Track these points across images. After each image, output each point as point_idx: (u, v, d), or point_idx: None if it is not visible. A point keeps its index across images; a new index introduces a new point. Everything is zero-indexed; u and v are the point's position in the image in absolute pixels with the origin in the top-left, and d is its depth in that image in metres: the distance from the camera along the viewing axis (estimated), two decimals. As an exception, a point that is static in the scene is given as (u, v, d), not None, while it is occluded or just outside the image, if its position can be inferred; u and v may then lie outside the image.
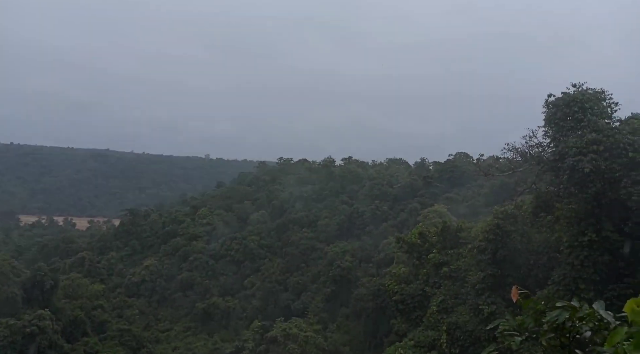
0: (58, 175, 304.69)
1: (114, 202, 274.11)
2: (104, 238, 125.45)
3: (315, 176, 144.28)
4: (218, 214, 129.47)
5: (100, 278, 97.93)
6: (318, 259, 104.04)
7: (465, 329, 30.01)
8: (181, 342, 74.07)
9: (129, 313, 78.71)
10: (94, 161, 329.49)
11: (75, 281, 75.26)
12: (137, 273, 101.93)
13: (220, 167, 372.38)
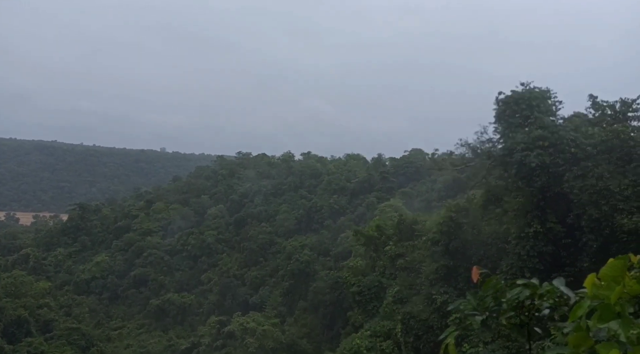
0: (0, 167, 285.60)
1: (61, 197, 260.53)
2: (50, 234, 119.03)
3: (274, 171, 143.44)
4: (174, 209, 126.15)
5: (47, 275, 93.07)
6: (277, 254, 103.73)
7: (419, 319, 30.99)
8: (134, 340, 71.75)
9: (78, 311, 75.29)
10: (39, 152, 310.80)
11: (18, 279, 71.00)
12: (87, 270, 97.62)
13: (177, 161, 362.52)
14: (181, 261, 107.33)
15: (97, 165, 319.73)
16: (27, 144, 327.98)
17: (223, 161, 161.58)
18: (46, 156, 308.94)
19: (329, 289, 65.03)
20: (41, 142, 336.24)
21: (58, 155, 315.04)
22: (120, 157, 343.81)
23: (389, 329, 31.39)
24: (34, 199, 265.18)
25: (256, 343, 54.33)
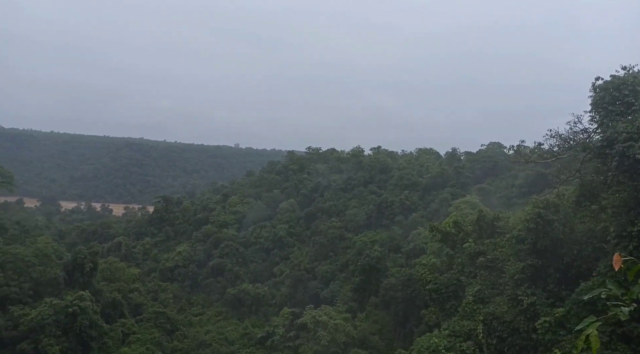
0: (95, 163, 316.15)
1: (148, 190, 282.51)
2: (139, 224, 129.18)
3: (343, 166, 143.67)
4: (248, 203, 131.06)
5: (136, 262, 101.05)
6: (346, 249, 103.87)
7: (503, 320, 29.26)
8: (213, 326, 75.64)
9: (164, 297, 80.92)
10: (129, 149, 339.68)
11: (112, 265, 77.78)
12: (170, 259, 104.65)
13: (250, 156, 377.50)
14: (255, 253, 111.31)
15: (178, 160, 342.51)
16: (119, 142, 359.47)
17: (293, 156, 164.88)
18: (134, 152, 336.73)
19: (401, 286, 63.85)
20: (130, 140, 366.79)
21: (145, 151, 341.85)
22: (198, 153, 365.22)
23: (470, 330, 30.01)
24: (124, 192, 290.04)
25: (328, 336, 54.78)
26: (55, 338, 49.82)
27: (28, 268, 58.20)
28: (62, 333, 50.68)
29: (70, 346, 50.33)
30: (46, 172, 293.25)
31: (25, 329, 49.75)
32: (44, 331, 50.02)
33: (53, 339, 49.31)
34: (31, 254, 60.36)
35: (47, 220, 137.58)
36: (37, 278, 58.40)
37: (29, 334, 49.75)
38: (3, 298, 53.24)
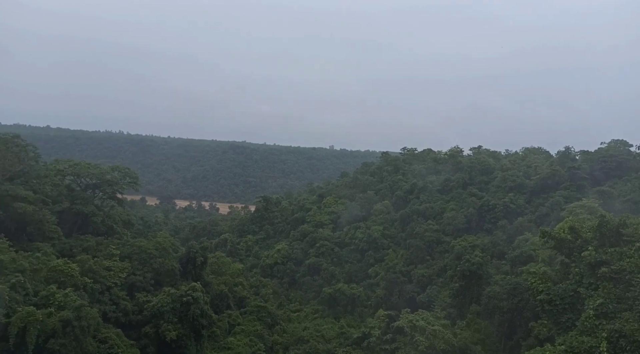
0: (204, 165, 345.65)
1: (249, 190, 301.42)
2: (242, 222, 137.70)
3: (440, 167, 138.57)
4: (342, 203, 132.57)
5: (240, 258, 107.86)
6: (444, 253, 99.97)
7: (633, 339, 25.84)
8: (310, 323, 77.85)
9: (264, 292, 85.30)
10: (233, 152, 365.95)
11: (219, 260, 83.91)
12: (270, 256, 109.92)
13: (344, 157, 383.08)
14: (350, 253, 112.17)
15: (277, 162, 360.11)
16: (224, 145, 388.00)
17: (388, 157, 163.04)
18: (238, 155, 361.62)
19: (507, 295, 59.64)
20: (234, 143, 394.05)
21: (247, 154, 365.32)
22: (295, 155, 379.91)
23: (590, 347, 26.99)
24: (229, 192, 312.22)
25: (426, 342, 53.11)
26: (172, 324, 55.09)
27: (150, 260, 65.17)
28: (177, 319, 55.89)
29: (185, 332, 55.27)
30: (164, 174, 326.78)
31: (148, 314, 55.77)
32: (163, 317, 55.58)
33: (170, 325, 54.60)
34: (153, 247, 67.49)
35: (165, 217, 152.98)
36: (157, 268, 65.12)
37: (151, 318, 55.68)
38: (131, 285, 60.30)
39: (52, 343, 39.93)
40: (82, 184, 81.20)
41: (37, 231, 62.02)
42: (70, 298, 44.29)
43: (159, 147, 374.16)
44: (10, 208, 59.76)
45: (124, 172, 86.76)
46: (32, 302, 42.29)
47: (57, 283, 47.53)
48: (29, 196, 63.75)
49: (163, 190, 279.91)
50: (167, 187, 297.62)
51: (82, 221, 72.87)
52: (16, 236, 58.35)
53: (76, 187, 79.64)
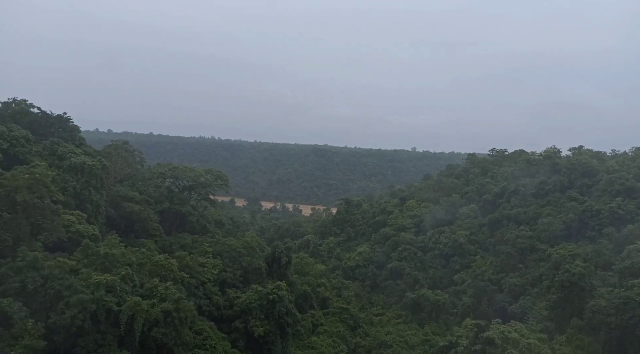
0: (288, 168, 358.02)
1: (331, 192, 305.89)
2: (324, 224, 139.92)
3: (534, 169, 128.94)
4: (425, 207, 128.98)
5: (322, 259, 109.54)
6: (539, 261, 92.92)
7: None
8: (393, 328, 76.68)
9: (346, 294, 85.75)
10: (315, 155, 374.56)
11: (303, 260, 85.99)
12: (352, 258, 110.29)
13: (427, 159, 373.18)
14: (433, 258, 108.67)
15: (357, 165, 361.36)
16: (307, 148, 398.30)
17: (474, 159, 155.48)
18: (319, 158, 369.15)
19: (615, 310, 53.87)
20: (316, 147, 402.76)
21: (328, 157, 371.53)
22: (376, 157, 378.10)
23: None
24: (311, 194, 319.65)
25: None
26: (260, 320, 57.44)
27: (239, 258, 68.63)
28: (265, 316, 58.14)
29: (271, 329, 57.33)
30: (251, 176, 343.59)
31: (237, 310, 58.73)
32: (251, 313, 58.15)
33: (258, 321, 56.96)
34: (241, 246, 71.02)
35: (252, 217, 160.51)
36: (245, 266, 68.37)
37: (240, 314, 58.55)
38: (222, 281, 64.03)
39: (155, 331, 43.68)
40: (180, 186, 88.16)
41: (142, 229, 68.38)
42: (170, 290, 48.14)
43: (246, 151, 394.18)
44: (121, 208, 66.72)
45: (216, 174, 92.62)
46: (139, 293, 46.67)
47: (159, 276, 51.93)
48: (136, 196, 70.68)
49: (250, 192, 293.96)
50: (254, 189, 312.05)
51: (179, 220, 78.99)
52: (125, 232, 64.83)
53: (175, 189, 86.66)
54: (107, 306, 41.56)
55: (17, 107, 63.96)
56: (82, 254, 48.31)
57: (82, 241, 50.43)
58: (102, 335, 41.00)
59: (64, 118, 68.53)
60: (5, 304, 36.46)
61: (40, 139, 62.52)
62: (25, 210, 47.17)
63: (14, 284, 39.83)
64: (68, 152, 62.49)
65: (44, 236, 48.33)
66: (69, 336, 39.47)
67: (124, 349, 41.37)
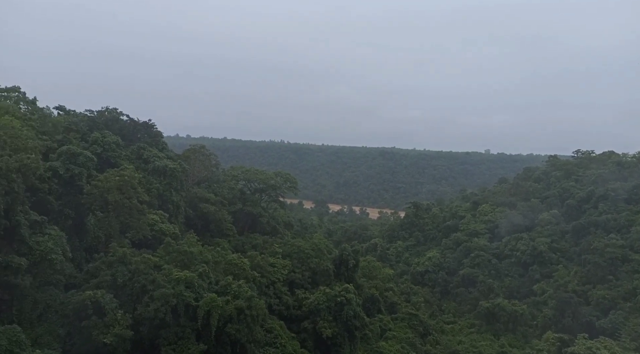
0: (355, 171, 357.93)
1: (398, 196, 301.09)
2: (391, 228, 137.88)
3: (627, 172, 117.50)
4: (500, 212, 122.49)
5: (390, 263, 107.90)
6: (633, 273, 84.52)
7: None
8: (465, 337, 73.45)
9: (415, 300, 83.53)
10: (382, 158, 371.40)
11: (370, 263, 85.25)
12: (421, 263, 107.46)
13: (502, 162, 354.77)
14: (510, 266, 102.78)
15: (426, 168, 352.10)
16: (374, 151, 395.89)
17: (556, 161, 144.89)
18: (387, 161, 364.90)
19: None
20: (384, 149, 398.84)
21: (396, 160, 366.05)
22: (446, 160, 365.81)
23: None
24: (378, 197, 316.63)
25: (610, 376, 45.33)
26: (328, 322, 57.80)
27: (307, 259, 69.60)
28: (332, 318, 58.40)
29: (339, 331, 57.44)
30: (319, 179, 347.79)
31: (306, 310, 59.59)
32: (319, 315, 58.70)
33: (326, 322, 57.36)
34: (309, 247, 71.99)
35: (319, 220, 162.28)
36: (314, 267, 69.17)
37: (309, 314, 59.36)
38: (291, 282, 65.34)
39: (230, 327, 45.56)
40: (252, 188, 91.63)
41: (217, 228, 71.89)
42: (243, 288, 50.00)
43: (314, 154, 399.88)
44: (198, 208, 70.69)
45: (285, 177, 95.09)
46: (214, 290, 49.00)
47: (233, 274, 54.15)
48: (212, 198, 74.51)
49: (317, 194, 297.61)
50: (321, 191, 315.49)
51: (251, 221, 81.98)
52: (202, 232, 68.55)
53: (247, 191, 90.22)
54: (186, 301, 44.07)
55: (109, 115, 70.15)
56: (164, 251, 51.75)
57: (164, 238, 54.12)
58: (181, 328, 43.54)
59: (149, 125, 74.03)
60: (100, 296, 39.98)
61: (128, 144, 68.00)
62: (115, 209, 51.55)
63: (106, 278, 43.59)
64: (152, 156, 67.41)
65: (131, 234, 52.51)
66: (153, 328, 42.37)
67: (201, 343, 43.58)
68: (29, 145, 47.16)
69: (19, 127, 50.23)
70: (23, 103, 63.98)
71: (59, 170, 48.54)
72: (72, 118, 66.61)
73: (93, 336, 38.67)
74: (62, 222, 46.93)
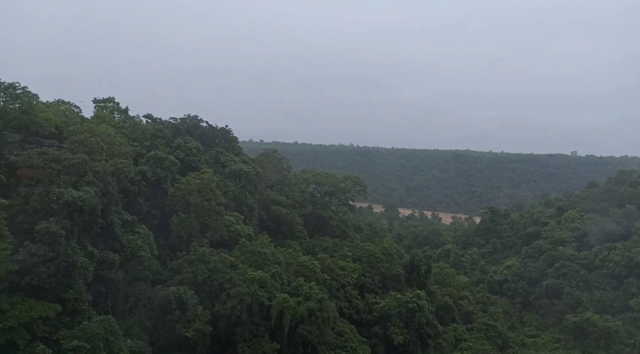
0: (427, 174, 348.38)
1: (473, 200, 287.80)
2: (466, 234, 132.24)
3: None
4: (590, 218, 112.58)
5: (464, 270, 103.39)
6: None
7: None
8: (550, 353, 68.19)
9: (493, 310, 79.12)
10: (455, 160, 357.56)
11: (443, 270, 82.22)
12: (499, 272, 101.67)
13: (591, 165, 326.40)
14: (601, 278, 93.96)
15: (504, 171, 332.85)
16: (446, 154, 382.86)
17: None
18: (460, 164, 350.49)
19: None
20: (457, 152, 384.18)
21: (470, 162, 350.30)
22: (526, 163, 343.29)
23: None
24: (451, 201, 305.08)
25: None
26: (399, 328, 56.67)
27: (378, 263, 68.85)
28: (404, 325, 57.17)
29: (411, 338, 56.07)
30: (388, 183, 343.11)
31: (377, 315, 58.91)
32: (390, 320, 57.73)
33: (398, 329, 56.28)
34: (379, 251, 71.17)
35: (389, 224, 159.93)
36: (384, 272, 68.26)
37: (379, 320, 58.61)
38: (362, 285, 65.01)
39: (301, 328, 46.36)
40: (322, 191, 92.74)
41: (288, 231, 73.58)
42: (314, 290, 50.65)
43: (383, 157, 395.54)
44: (270, 210, 72.91)
45: (355, 181, 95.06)
46: (286, 290, 50.16)
47: (304, 276, 55.07)
48: (283, 200, 76.50)
49: (387, 198, 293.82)
50: (391, 195, 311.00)
51: (321, 224, 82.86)
52: (274, 233, 70.50)
53: (317, 194, 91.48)
54: (260, 300, 45.56)
55: (190, 122, 74.75)
56: (239, 251, 53.95)
57: (239, 239, 56.44)
58: (256, 326, 45.07)
59: (226, 130, 77.81)
60: (182, 292, 42.61)
61: (207, 149, 71.97)
62: (196, 210, 54.75)
63: (187, 275, 46.36)
64: (229, 160, 70.75)
65: (210, 234, 55.43)
66: (230, 324, 44.29)
67: (274, 341, 44.78)
68: (122, 151, 51.67)
69: (114, 135, 55.14)
70: (117, 112, 70.22)
71: (147, 173, 52.61)
72: (158, 125, 71.86)
73: (176, 330, 41.26)
74: (150, 222, 50.68)
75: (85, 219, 38.64)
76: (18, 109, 47.11)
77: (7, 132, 45.76)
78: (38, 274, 33.99)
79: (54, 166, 42.52)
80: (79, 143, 46.89)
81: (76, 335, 34.02)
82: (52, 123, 50.99)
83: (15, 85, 48.38)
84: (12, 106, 46.85)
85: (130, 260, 43.69)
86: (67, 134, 50.48)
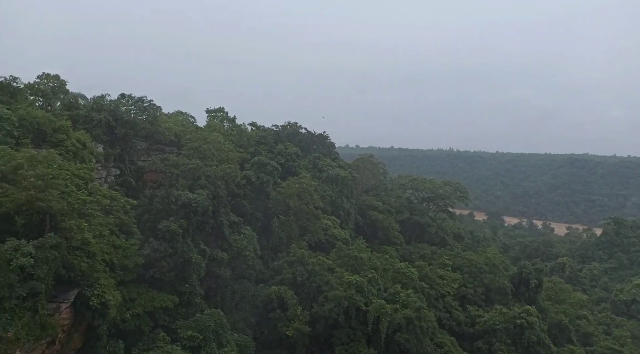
0: (536, 180, 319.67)
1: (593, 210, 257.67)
2: (584, 246, 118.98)
3: None
4: None
5: (582, 287, 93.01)
6: None
7: None
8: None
9: (618, 333, 69.61)
10: (570, 165, 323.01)
11: (557, 285, 74.73)
12: (625, 290, 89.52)
13: None
14: None
15: (631, 177, 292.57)
16: (559, 158, 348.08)
17: None
18: (577, 169, 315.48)
19: None
20: (572, 156, 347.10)
21: (589, 168, 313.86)
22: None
23: None
24: (566, 210, 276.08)
25: None
26: (506, 345, 52.73)
27: (480, 274, 64.94)
28: (511, 341, 53.08)
29: (519, 357, 51.87)
30: (492, 189, 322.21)
31: (480, 329, 55.50)
32: (496, 336, 53.96)
33: (504, 345, 52.43)
34: (482, 262, 67.08)
35: (493, 233, 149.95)
36: (487, 284, 64.14)
37: (483, 334, 55.13)
38: (463, 296, 61.76)
39: (399, 336, 45.46)
40: (419, 197, 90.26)
41: (384, 236, 72.85)
42: (411, 298, 49.40)
43: (486, 162, 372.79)
44: (367, 215, 72.90)
45: (455, 187, 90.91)
46: (383, 296, 49.59)
47: (400, 283, 54.00)
48: (379, 206, 76.00)
49: (490, 206, 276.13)
50: (495, 203, 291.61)
51: (419, 230, 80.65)
52: (370, 238, 70.34)
53: (414, 200, 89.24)
54: (357, 304, 45.66)
55: (290, 129, 78.03)
56: (336, 254, 54.74)
57: (336, 243, 57.32)
58: (353, 330, 45.24)
59: (324, 136, 79.78)
60: (283, 291, 44.42)
61: (306, 154, 74.48)
62: (295, 214, 56.87)
63: (287, 275, 48.22)
64: (326, 165, 72.42)
65: (308, 237, 57.13)
66: (327, 326, 45.07)
67: (371, 347, 44.51)
68: (230, 156, 55.65)
69: (223, 142, 59.65)
70: (226, 121, 76.06)
71: (251, 178, 56.02)
72: (261, 132, 76.20)
73: (277, 328, 43.10)
74: (253, 223, 53.82)
75: (198, 219, 42.29)
76: (145, 119, 53.28)
77: (137, 140, 51.94)
78: (160, 268, 37.91)
79: (174, 170, 47.31)
80: (194, 150, 51.56)
81: (190, 326, 37.24)
82: (172, 132, 56.84)
83: (143, 99, 54.81)
84: (140, 118, 53.13)
85: (237, 259, 46.73)
86: (184, 142, 55.82)
